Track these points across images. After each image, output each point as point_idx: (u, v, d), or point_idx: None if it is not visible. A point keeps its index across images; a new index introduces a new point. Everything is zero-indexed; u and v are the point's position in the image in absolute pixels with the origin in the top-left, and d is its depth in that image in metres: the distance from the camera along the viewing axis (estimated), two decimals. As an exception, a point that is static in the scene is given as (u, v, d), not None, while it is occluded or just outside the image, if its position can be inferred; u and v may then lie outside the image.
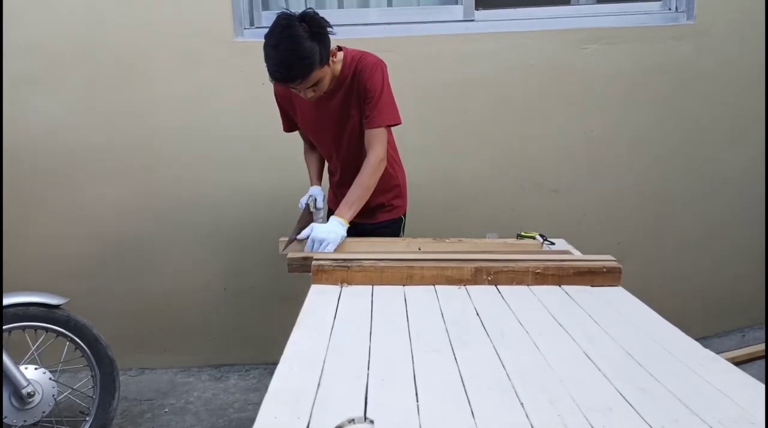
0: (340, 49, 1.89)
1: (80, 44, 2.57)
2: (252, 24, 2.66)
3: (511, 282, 1.55)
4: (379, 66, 1.86)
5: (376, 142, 1.86)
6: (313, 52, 1.68)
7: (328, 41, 1.75)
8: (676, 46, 2.70)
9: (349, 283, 1.54)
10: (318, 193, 2.12)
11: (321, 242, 1.74)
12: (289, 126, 2.11)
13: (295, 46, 1.66)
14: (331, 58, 1.78)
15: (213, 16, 2.58)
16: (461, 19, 2.70)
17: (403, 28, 2.69)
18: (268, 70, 1.70)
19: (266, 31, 1.72)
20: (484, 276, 1.54)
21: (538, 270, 1.55)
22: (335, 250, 1.75)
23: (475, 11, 2.70)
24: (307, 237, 1.78)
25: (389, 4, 2.87)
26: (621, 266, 1.56)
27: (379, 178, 1.90)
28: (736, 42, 2.72)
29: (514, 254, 1.71)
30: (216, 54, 2.61)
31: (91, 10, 2.55)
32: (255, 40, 2.59)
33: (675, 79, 2.73)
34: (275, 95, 2.03)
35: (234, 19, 2.60)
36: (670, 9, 2.75)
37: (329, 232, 1.75)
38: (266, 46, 1.70)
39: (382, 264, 1.56)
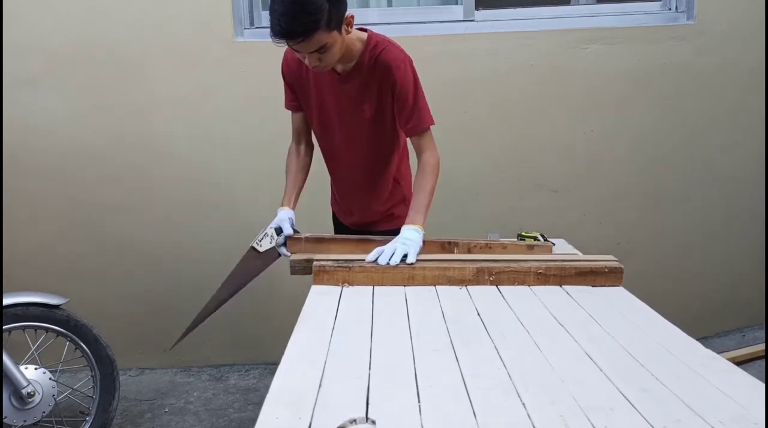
0: (364, 30, 1.76)
1: (80, 44, 2.57)
2: (252, 24, 2.66)
3: (512, 282, 1.55)
4: (408, 63, 1.73)
5: (428, 144, 1.81)
6: (321, 8, 1.50)
7: (344, 6, 1.59)
8: (676, 46, 2.70)
9: (350, 284, 1.54)
10: (286, 220, 1.85)
11: (404, 252, 1.59)
12: (292, 105, 1.93)
13: None
14: (345, 26, 1.61)
15: (213, 16, 2.58)
16: (461, 19, 2.70)
17: (403, 28, 2.68)
18: (270, 24, 1.52)
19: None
20: (486, 277, 1.54)
21: (540, 271, 1.55)
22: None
23: (475, 11, 2.70)
24: (375, 261, 1.60)
25: (389, 4, 2.87)
26: (622, 266, 1.56)
27: (384, 187, 1.88)
28: (736, 42, 2.72)
29: (515, 254, 1.71)
30: (216, 54, 2.61)
31: (91, 10, 2.55)
32: (255, 40, 2.60)
33: (675, 79, 2.73)
34: (282, 72, 1.86)
35: (234, 19, 2.60)
36: (670, 9, 2.75)
37: (412, 242, 1.62)
38: (272, 1, 1.53)
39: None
